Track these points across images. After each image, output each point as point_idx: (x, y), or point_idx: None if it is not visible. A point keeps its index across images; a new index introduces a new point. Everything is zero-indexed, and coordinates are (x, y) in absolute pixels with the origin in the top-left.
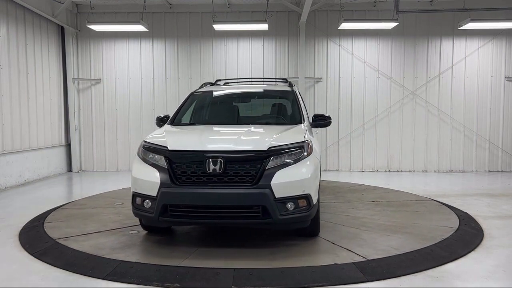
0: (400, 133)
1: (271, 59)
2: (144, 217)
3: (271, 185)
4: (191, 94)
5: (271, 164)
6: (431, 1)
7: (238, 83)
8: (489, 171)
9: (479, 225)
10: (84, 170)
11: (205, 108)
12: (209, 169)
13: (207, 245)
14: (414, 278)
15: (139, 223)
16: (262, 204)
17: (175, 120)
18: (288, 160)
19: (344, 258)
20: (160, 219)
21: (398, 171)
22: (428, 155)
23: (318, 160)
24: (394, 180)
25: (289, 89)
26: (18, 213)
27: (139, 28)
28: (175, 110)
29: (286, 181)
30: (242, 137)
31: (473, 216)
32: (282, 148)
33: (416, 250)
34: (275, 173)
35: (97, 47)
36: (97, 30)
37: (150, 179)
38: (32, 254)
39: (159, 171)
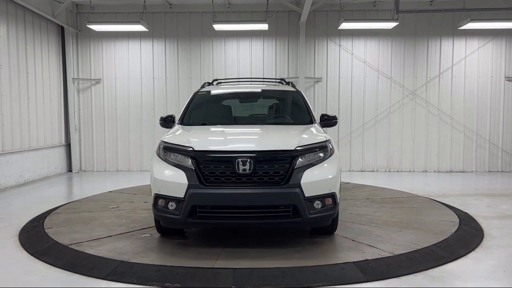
0: (400, 133)
1: (271, 59)
2: (168, 219)
3: (301, 184)
4: (196, 94)
5: (299, 163)
6: (431, 1)
7: (238, 83)
8: (489, 171)
9: (479, 225)
10: (84, 170)
11: (213, 108)
12: (238, 169)
13: (232, 245)
14: (414, 278)
15: (147, 227)
16: (293, 203)
17: (185, 120)
18: (314, 160)
19: (372, 254)
20: (187, 220)
21: (398, 171)
22: (428, 155)
23: (339, 159)
24: (394, 180)
25: (293, 89)
26: (18, 213)
27: (139, 28)
28: (182, 110)
29: (314, 180)
30: (266, 137)
31: (473, 216)
32: (309, 148)
33: (416, 250)
34: (303, 172)
35: (97, 47)
36: (97, 30)
37: (176, 180)
38: (32, 254)
39: (185, 172)
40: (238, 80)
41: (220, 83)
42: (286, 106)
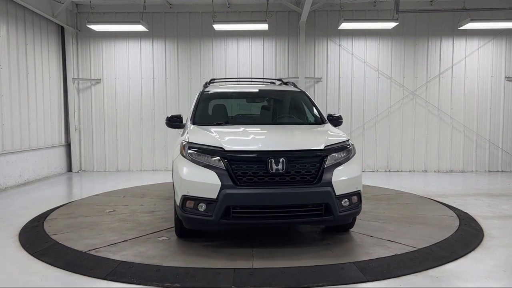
0: (400, 133)
1: (271, 59)
2: (198, 221)
3: (332, 182)
4: (202, 94)
5: (328, 162)
6: (431, 1)
7: (243, 83)
8: (489, 171)
9: (479, 225)
10: (84, 170)
11: (223, 108)
12: (271, 169)
13: (259, 245)
14: (414, 278)
15: (158, 230)
16: (326, 202)
17: (197, 120)
18: (341, 159)
19: (399, 248)
20: (221, 221)
21: (398, 171)
22: (428, 155)
23: (359, 158)
24: (394, 180)
25: (298, 89)
26: (18, 213)
27: (139, 28)
28: (192, 110)
29: (344, 178)
30: (295, 137)
31: (473, 216)
32: (335, 147)
33: (416, 250)
34: (333, 171)
35: (97, 47)
36: (97, 30)
37: (208, 181)
38: (32, 254)
39: (216, 172)
40: (237, 80)
41: (213, 82)
42: (296, 106)
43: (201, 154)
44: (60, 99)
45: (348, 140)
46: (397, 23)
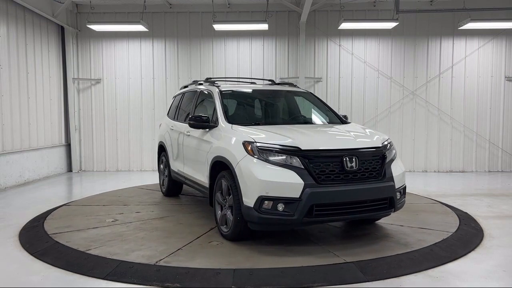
0: (400, 133)
1: (271, 59)
2: (276, 221)
3: (393, 177)
4: (221, 93)
5: (387, 158)
6: (431, 1)
7: (240, 83)
8: (489, 171)
9: (479, 225)
10: (84, 170)
11: (249, 107)
12: (347, 167)
13: (322, 241)
14: (414, 278)
15: (198, 235)
16: (391, 195)
17: (230, 120)
18: (392, 155)
19: (438, 235)
20: (304, 220)
21: None
22: (428, 155)
23: None
24: None
25: (305, 91)
26: (18, 213)
27: (139, 28)
28: (219, 110)
29: (399, 173)
30: (357, 136)
31: (473, 216)
32: (387, 145)
33: (415, 250)
34: (391, 166)
35: (97, 47)
36: (97, 30)
37: (290, 180)
38: (32, 254)
39: (296, 172)
40: (232, 80)
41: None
42: (315, 107)
43: (276, 154)
44: (60, 99)
45: (389, 138)
46: (397, 23)
